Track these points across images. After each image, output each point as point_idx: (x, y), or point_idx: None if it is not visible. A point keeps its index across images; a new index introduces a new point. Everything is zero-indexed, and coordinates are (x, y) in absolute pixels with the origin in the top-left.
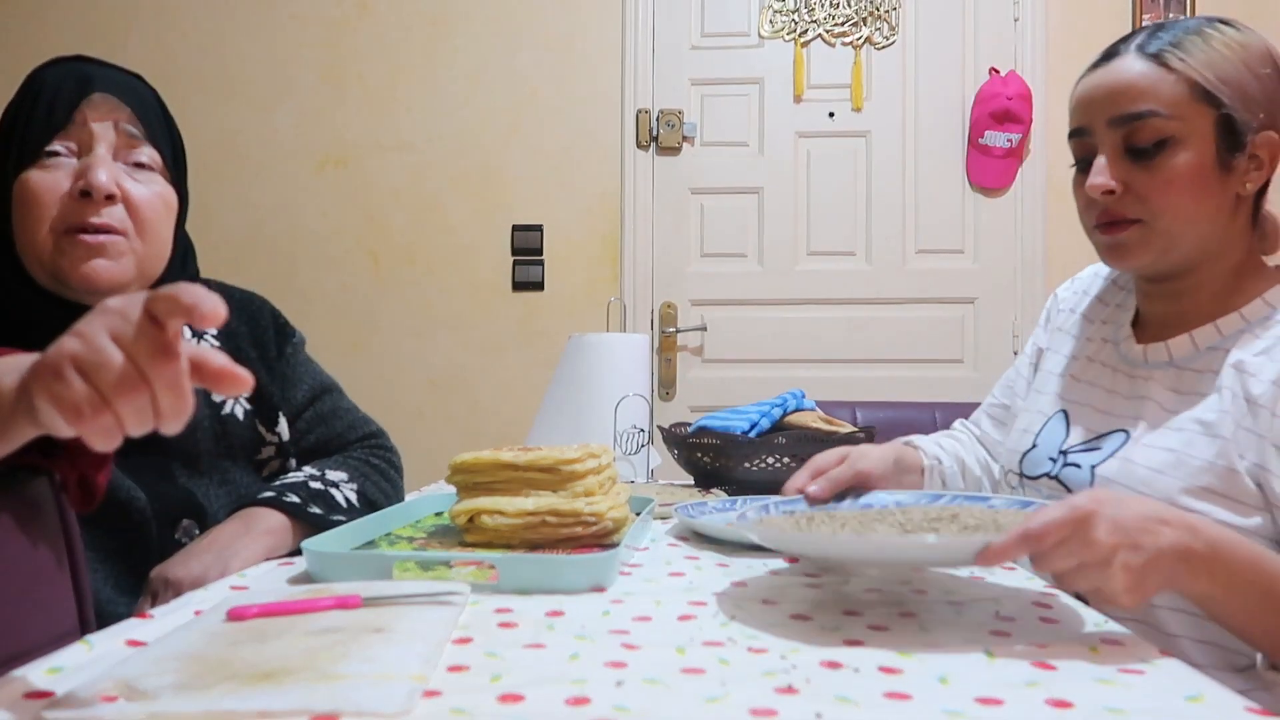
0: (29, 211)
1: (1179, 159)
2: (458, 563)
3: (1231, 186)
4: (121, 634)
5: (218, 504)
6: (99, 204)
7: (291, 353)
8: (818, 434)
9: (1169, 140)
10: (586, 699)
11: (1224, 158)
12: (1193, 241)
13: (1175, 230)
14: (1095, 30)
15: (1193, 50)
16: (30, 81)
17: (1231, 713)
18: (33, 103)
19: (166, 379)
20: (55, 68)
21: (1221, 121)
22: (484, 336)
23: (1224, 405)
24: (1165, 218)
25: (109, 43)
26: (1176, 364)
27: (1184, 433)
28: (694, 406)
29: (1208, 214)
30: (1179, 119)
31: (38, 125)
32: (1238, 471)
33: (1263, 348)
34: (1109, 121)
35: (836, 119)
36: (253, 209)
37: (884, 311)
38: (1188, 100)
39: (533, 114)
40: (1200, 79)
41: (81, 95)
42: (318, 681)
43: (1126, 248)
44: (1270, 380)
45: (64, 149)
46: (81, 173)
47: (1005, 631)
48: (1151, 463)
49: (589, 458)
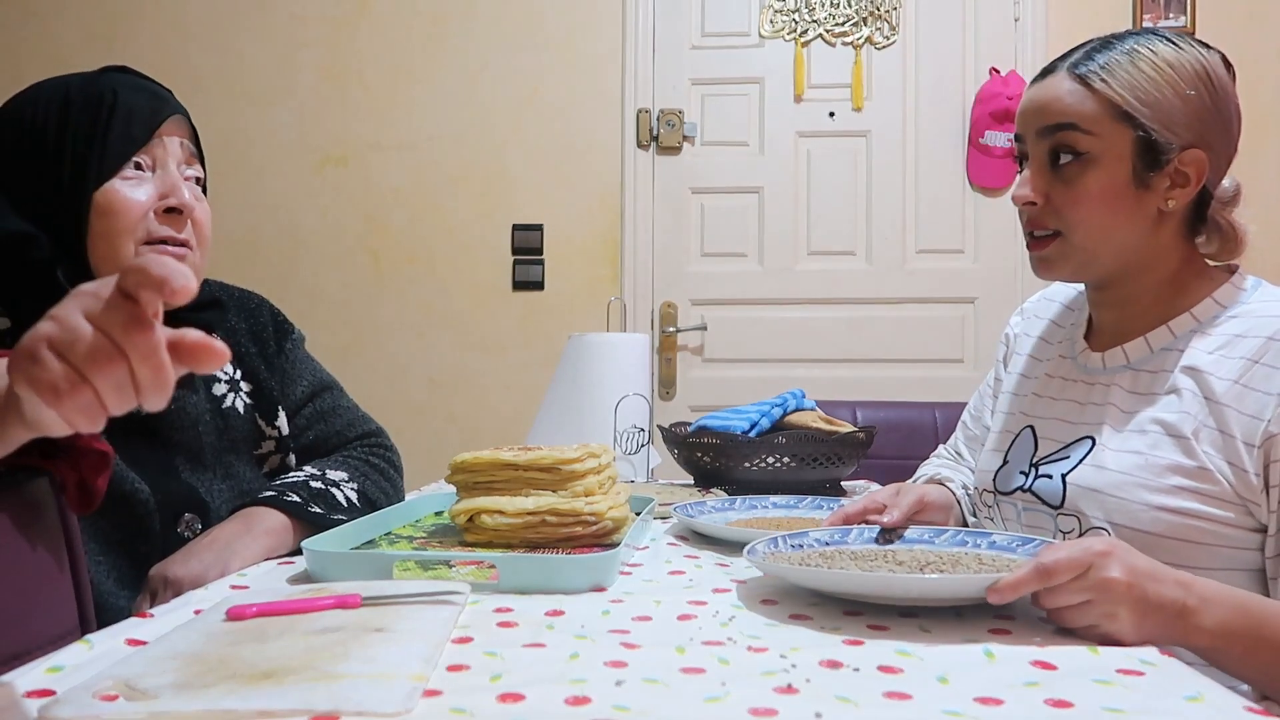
0: (115, 222)
1: (1092, 176)
2: (458, 562)
3: (1150, 203)
4: (121, 633)
5: (220, 499)
6: (184, 220)
7: (291, 349)
8: (818, 434)
9: (1085, 156)
10: (586, 699)
11: (1141, 176)
12: (1112, 254)
13: (1090, 245)
14: (1095, 30)
15: (1117, 72)
16: (98, 96)
17: (1231, 713)
18: (108, 117)
19: (142, 350)
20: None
21: (1139, 142)
22: (484, 336)
23: (1184, 406)
24: (1079, 231)
25: (110, 42)
26: (1133, 367)
27: (1148, 434)
28: (694, 406)
29: (1123, 229)
30: (1096, 136)
31: (117, 140)
32: (1208, 469)
33: (1215, 346)
34: (1037, 132)
35: (837, 119)
36: (253, 208)
37: (884, 311)
38: (1107, 120)
39: (533, 114)
40: (1120, 100)
41: (160, 115)
42: (318, 681)
43: (1049, 261)
44: (1232, 379)
45: (143, 163)
46: (167, 191)
47: (1005, 631)
48: (1120, 466)
49: (589, 457)
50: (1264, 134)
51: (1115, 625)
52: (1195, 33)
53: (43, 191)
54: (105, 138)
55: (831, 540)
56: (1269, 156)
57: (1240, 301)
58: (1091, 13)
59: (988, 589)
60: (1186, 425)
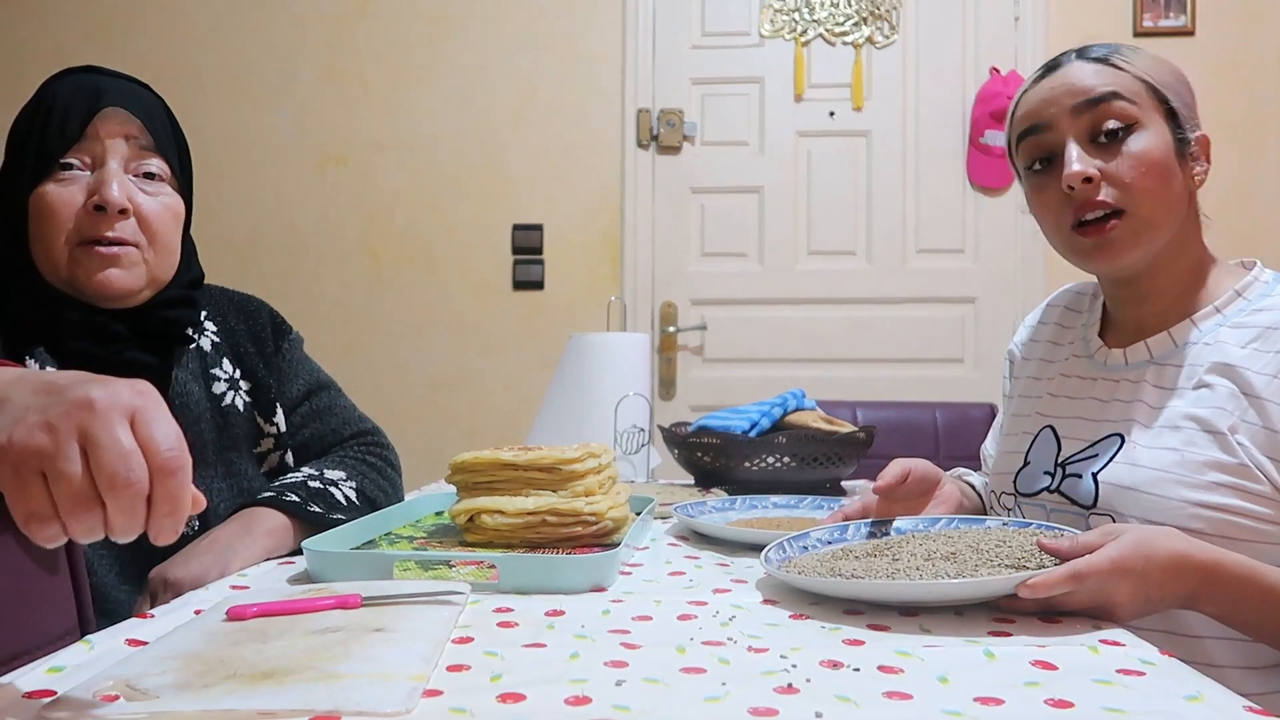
0: (46, 225)
1: (1146, 142)
2: (458, 562)
3: (1187, 178)
4: (121, 633)
5: (220, 497)
6: (112, 218)
7: (288, 349)
8: (818, 434)
9: (1134, 125)
10: (587, 699)
11: (1179, 148)
12: (1167, 232)
13: (1155, 218)
14: (1095, 30)
15: (1131, 57)
16: (42, 94)
17: (1231, 713)
18: (45, 116)
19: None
20: (66, 79)
21: (1171, 115)
22: (484, 336)
23: (1218, 402)
24: (1145, 203)
25: (110, 42)
26: (1158, 361)
27: (1181, 430)
28: (694, 406)
29: (1177, 203)
30: (1139, 106)
31: (51, 139)
32: (1247, 465)
33: (1247, 339)
34: (1073, 109)
35: (837, 118)
36: (253, 208)
37: (884, 311)
38: (1143, 91)
39: (533, 113)
40: (1147, 76)
41: (93, 109)
42: (318, 681)
43: (1115, 244)
44: (1271, 374)
45: (78, 162)
46: (95, 188)
47: (1005, 632)
48: (1156, 463)
49: (589, 457)
50: (1264, 134)
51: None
52: (1195, 33)
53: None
54: (41, 139)
55: (833, 538)
56: (1269, 156)
57: (1265, 294)
58: (1091, 13)
59: (1018, 585)
60: (1223, 421)
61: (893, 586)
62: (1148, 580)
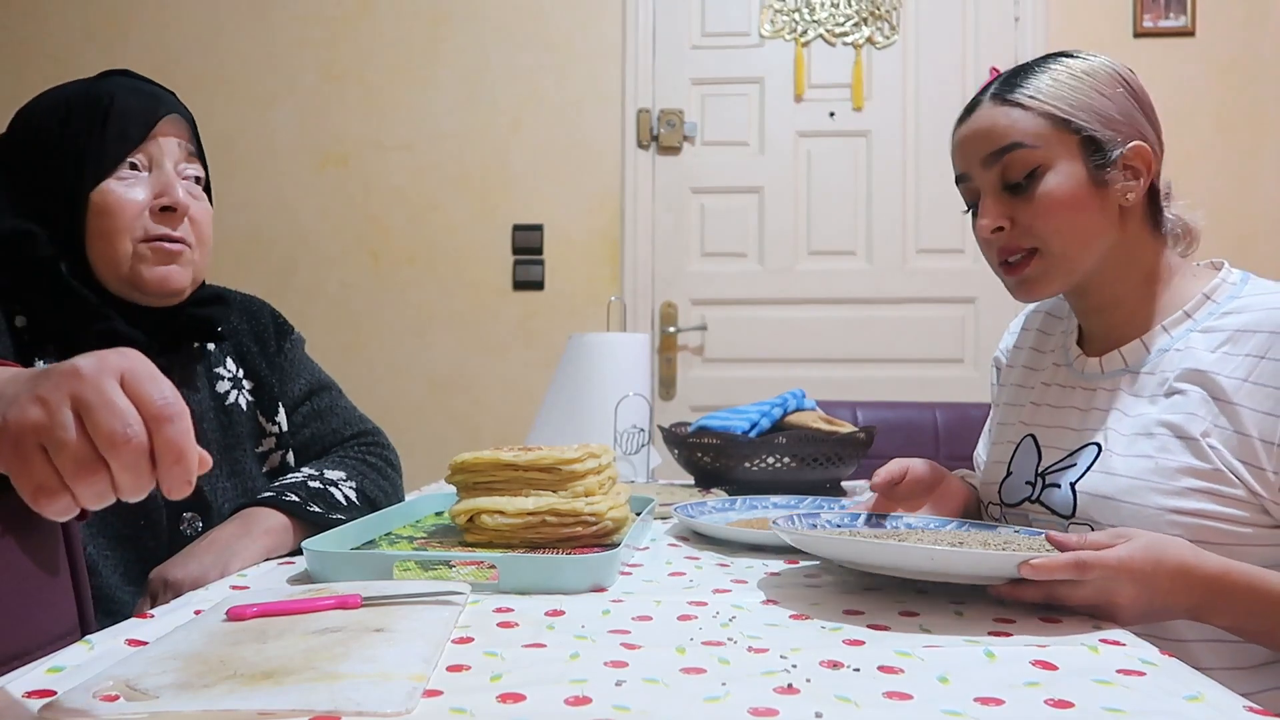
0: (111, 221)
1: (1051, 183)
2: (458, 562)
3: (1111, 200)
4: (121, 634)
5: (223, 497)
6: (178, 218)
7: (290, 348)
8: (818, 434)
9: (1038, 168)
10: (587, 699)
11: (1096, 175)
12: (1091, 258)
13: (1070, 251)
14: (1095, 30)
15: (1041, 88)
16: (96, 99)
17: (1231, 713)
18: (105, 119)
19: (124, 462)
20: (114, 81)
21: (1085, 142)
22: (484, 336)
23: (1190, 408)
24: (1056, 240)
25: (110, 42)
26: (1132, 369)
27: (1155, 437)
28: (694, 406)
29: (1095, 229)
30: (1043, 147)
31: (113, 140)
32: (1220, 469)
33: (1217, 343)
34: (982, 161)
35: (837, 118)
36: (253, 209)
37: (884, 311)
38: (1047, 129)
39: (533, 114)
40: (1053, 109)
41: (156, 115)
42: (318, 681)
43: (1032, 281)
44: (1241, 378)
45: (138, 163)
46: (161, 189)
47: (1005, 632)
48: (1130, 470)
49: (589, 457)
50: (1264, 134)
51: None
52: (1195, 33)
53: (42, 192)
54: (102, 138)
55: (842, 524)
56: (1269, 156)
57: (1233, 296)
58: (1091, 13)
59: (1020, 564)
60: (1195, 427)
61: (888, 548)
62: (1153, 586)
